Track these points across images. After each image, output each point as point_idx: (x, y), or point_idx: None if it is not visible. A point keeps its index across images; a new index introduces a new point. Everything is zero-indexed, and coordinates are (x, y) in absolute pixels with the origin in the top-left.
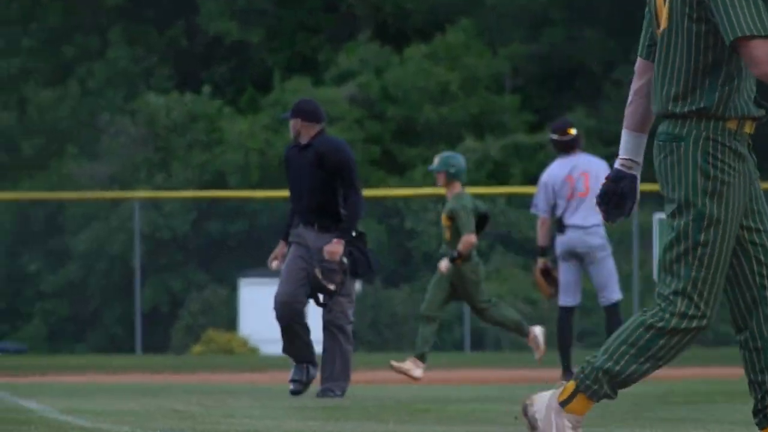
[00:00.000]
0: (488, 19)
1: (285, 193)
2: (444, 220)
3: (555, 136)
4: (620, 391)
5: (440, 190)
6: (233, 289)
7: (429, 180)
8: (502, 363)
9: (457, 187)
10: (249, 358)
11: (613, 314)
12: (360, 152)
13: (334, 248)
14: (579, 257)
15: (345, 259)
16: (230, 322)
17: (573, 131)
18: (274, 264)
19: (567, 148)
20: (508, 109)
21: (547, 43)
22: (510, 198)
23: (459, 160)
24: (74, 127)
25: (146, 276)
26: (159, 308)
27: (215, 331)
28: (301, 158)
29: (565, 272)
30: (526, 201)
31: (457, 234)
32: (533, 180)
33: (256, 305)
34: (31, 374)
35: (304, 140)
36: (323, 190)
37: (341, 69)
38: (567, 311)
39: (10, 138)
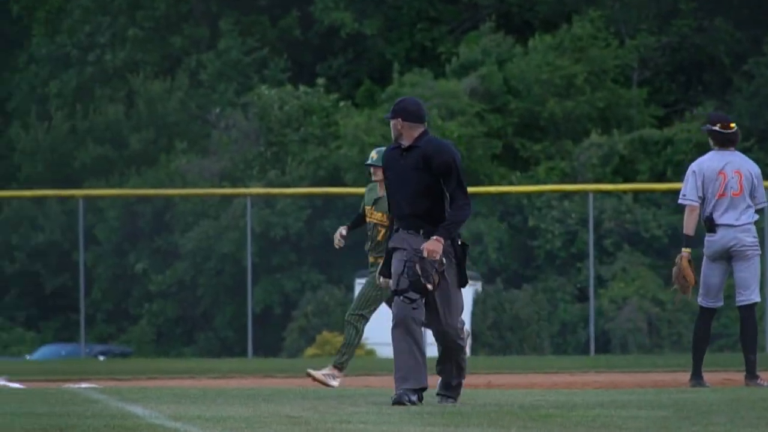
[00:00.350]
0: (615, 10)
1: None
2: (381, 218)
3: (717, 127)
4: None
5: (564, 187)
6: (349, 290)
7: (553, 176)
8: (628, 366)
9: None
10: (365, 361)
11: (749, 316)
12: (481, 147)
13: (434, 246)
14: (728, 257)
15: (444, 260)
16: None
17: (734, 126)
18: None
19: (727, 141)
20: (635, 103)
21: (676, 34)
22: (636, 195)
23: None
24: (183, 121)
25: (258, 276)
26: (271, 310)
27: (330, 333)
28: (404, 161)
29: (711, 273)
30: (653, 198)
31: None
32: (661, 176)
33: None
34: (137, 378)
35: (406, 142)
36: (428, 194)
37: (462, 60)
38: (709, 313)
39: (117, 132)
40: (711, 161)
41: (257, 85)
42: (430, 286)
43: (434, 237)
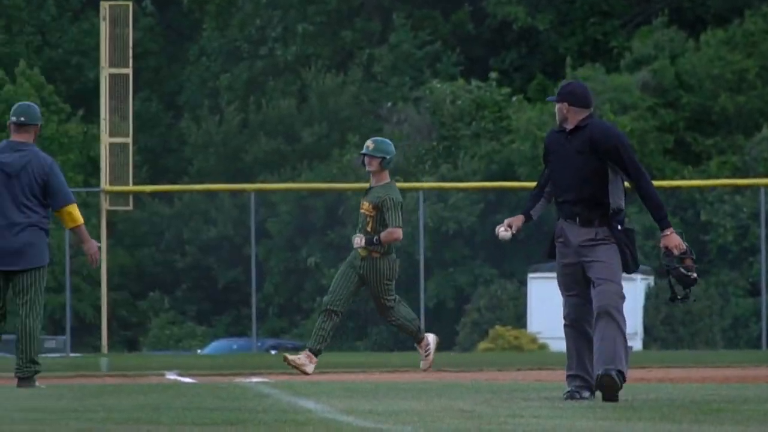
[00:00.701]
0: None
1: None
2: (368, 209)
3: None
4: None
5: (736, 182)
6: (522, 285)
7: (724, 171)
8: None
9: (386, 176)
10: (538, 355)
11: None
12: (653, 141)
13: (671, 240)
14: None
15: (686, 244)
16: (519, 318)
17: None
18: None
19: None
20: None
21: None
22: None
23: (393, 149)
24: (356, 116)
25: (431, 270)
26: (444, 303)
27: (503, 328)
28: (568, 145)
29: None
30: None
31: (383, 226)
32: None
33: (546, 301)
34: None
35: (570, 125)
36: (593, 179)
37: (635, 55)
38: None
39: (289, 126)
40: None
41: (429, 80)
42: (695, 275)
43: (664, 233)
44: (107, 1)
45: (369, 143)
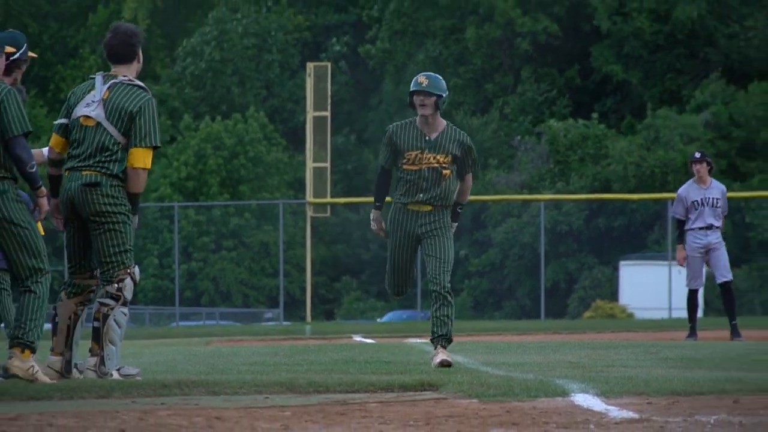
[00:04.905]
0: None
1: (656, 195)
2: (444, 160)
3: None
4: None
5: None
6: (615, 269)
7: (764, 185)
8: None
9: (442, 120)
10: (627, 321)
11: None
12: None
13: None
14: None
15: None
16: (613, 294)
17: None
18: None
19: None
20: None
21: None
22: None
23: (446, 86)
24: (495, 146)
25: (548, 260)
26: (558, 284)
27: (601, 301)
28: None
29: None
30: None
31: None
32: None
33: (633, 281)
34: (457, 335)
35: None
36: None
37: (698, 101)
38: None
39: None
40: None
41: (547, 119)
42: None
43: None
44: (313, 63)
45: (422, 78)
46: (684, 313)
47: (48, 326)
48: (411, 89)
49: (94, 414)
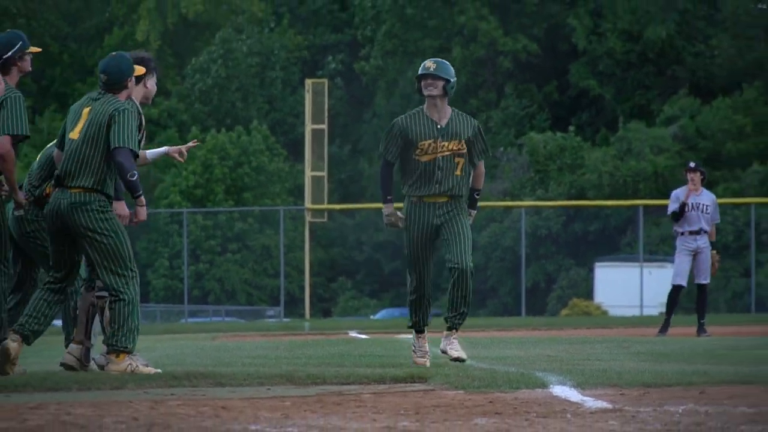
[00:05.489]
0: None
1: (628, 202)
2: (457, 146)
3: None
4: None
5: (735, 200)
6: (590, 270)
7: (728, 193)
8: None
9: (448, 105)
10: (601, 318)
11: None
12: (678, 173)
13: None
14: None
15: None
16: (588, 293)
17: None
18: None
19: None
20: None
21: None
22: None
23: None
24: None
25: (529, 262)
26: (538, 284)
27: (578, 300)
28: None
29: None
30: None
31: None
32: None
33: (607, 281)
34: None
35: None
36: None
37: (667, 115)
38: None
39: None
40: None
41: (528, 131)
42: None
43: None
44: (311, 79)
45: (429, 63)
46: (655, 311)
47: (57, 323)
48: (419, 73)
49: (108, 404)
